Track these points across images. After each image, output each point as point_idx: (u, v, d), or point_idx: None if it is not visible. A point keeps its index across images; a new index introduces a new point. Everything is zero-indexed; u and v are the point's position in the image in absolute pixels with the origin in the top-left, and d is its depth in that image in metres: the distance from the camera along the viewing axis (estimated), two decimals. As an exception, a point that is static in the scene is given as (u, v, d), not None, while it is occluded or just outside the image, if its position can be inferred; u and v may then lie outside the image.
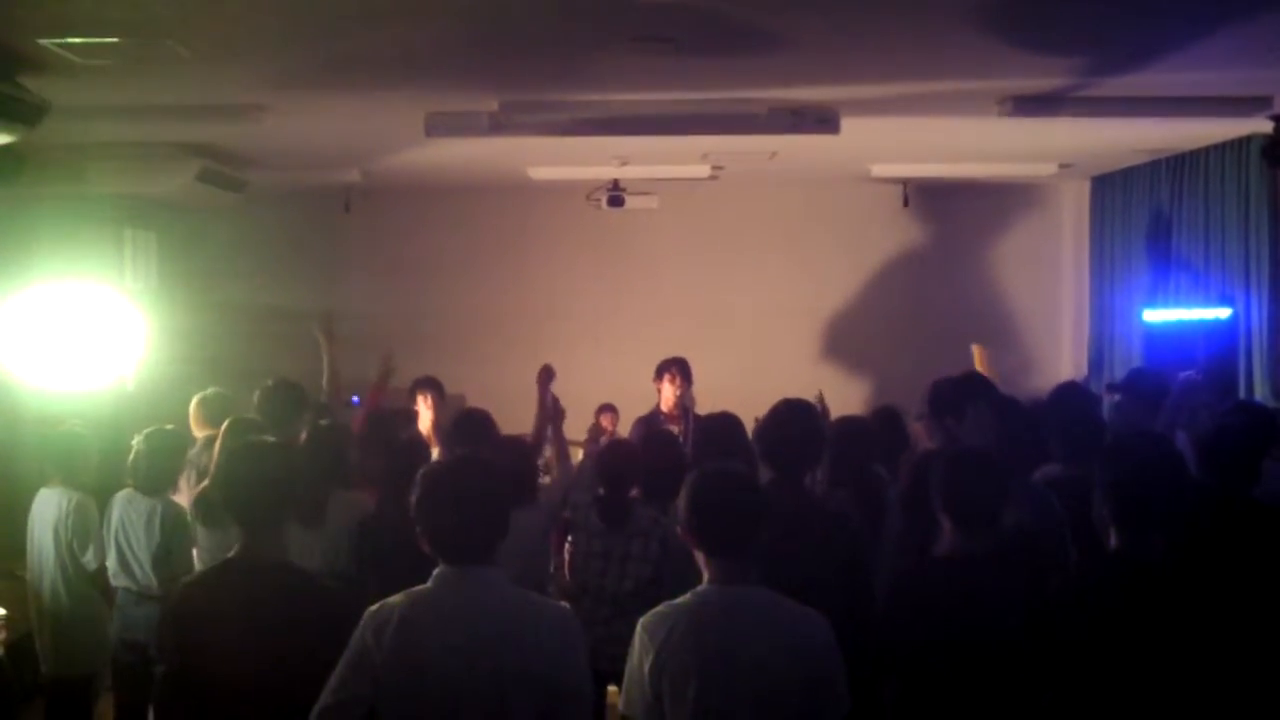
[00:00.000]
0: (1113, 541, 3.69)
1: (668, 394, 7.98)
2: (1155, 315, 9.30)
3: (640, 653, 3.48)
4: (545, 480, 6.64)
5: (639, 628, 3.53)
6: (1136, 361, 9.51)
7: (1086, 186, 11.20)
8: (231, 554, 3.82)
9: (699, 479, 3.63)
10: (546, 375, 6.60)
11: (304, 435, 5.82)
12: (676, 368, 8.00)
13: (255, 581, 3.71)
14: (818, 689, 3.45)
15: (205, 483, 5.83)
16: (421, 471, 3.51)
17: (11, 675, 6.85)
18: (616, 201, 10.15)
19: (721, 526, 3.53)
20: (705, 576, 3.56)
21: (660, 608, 3.55)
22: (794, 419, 4.80)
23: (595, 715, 4.62)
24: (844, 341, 11.51)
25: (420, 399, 7.60)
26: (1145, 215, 9.94)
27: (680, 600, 3.53)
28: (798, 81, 6.44)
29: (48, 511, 6.36)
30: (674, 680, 3.42)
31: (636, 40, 5.45)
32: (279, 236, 11.23)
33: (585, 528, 5.57)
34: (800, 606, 3.53)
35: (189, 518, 6.02)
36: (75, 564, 6.29)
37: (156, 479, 6.17)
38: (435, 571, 3.40)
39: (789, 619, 3.50)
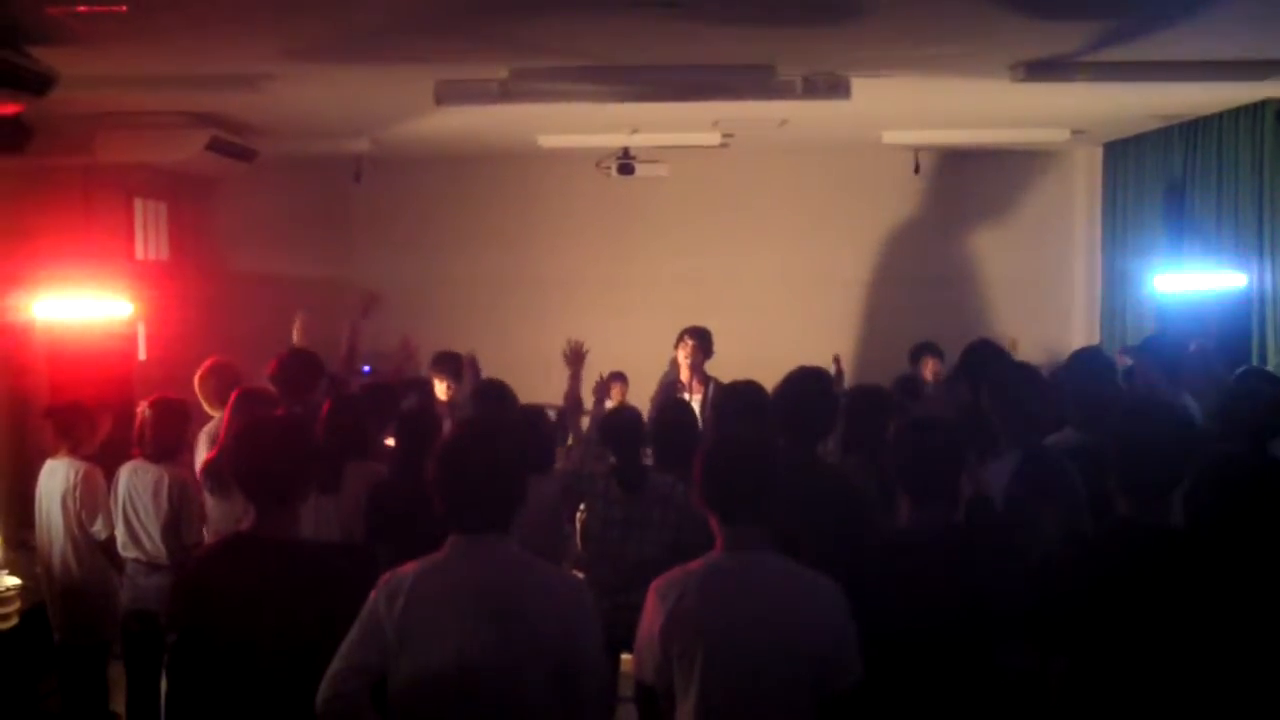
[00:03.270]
0: (1121, 508, 3.68)
1: (682, 361, 8.00)
2: (1168, 282, 9.25)
3: (652, 616, 3.50)
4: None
5: (651, 591, 3.55)
6: (1149, 329, 9.48)
7: (1099, 153, 11.14)
8: (243, 528, 3.82)
9: (714, 445, 3.65)
10: (577, 356, 6.97)
11: (326, 405, 5.82)
12: (691, 336, 8.02)
13: (265, 558, 3.71)
14: (828, 656, 3.46)
15: (214, 452, 5.85)
16: (441, 442, 3.50)
17: (28, 644, 6.89)
18: (627, 169, 10.12)
19: (735, 493, 3.54)
20: (718, 542, 3.56)
21: (672, 572, 3.56)
22: (809, 386, 4.79)
23: (608, 684, 4.63)
24: (854, 309, 11.49)
25: (437, 380, 7.63)
26: (1158, 182, 9.89)
27: (693, 565, 3.54)
28: (808, 45, 6.40)
29: (55, 482, 6.37)
30: (684, 644, 3.44)
31: (639, 5, 5.41)
32: (289, 206, 11.21)
33: (602, 495, 5.56)
34: (812, 573, 3.54)
35: (195, 487, 6.04)
36: (85, 534, 6.31)
37: (163, 446, 6.18)
38: (449, 540, 3.40)
39: (801, 585, 3.51)
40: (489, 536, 3.39)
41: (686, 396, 7.60)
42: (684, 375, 7.97)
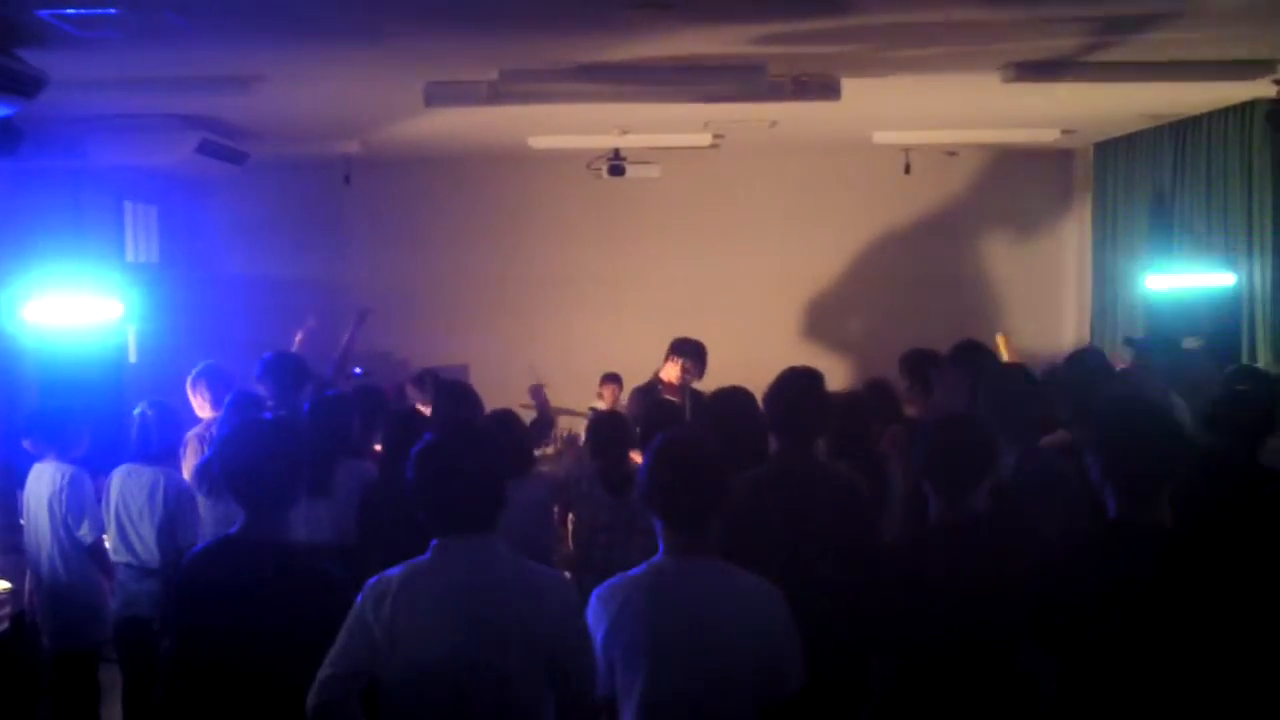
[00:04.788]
0: (1111, 508, 3.68)
1: (672, 371, 7.93)
2: (1158, 281, 9.27)
3: (594, 623, 3.46)
4: (548, 451, 6.67)
5: (593, 598, 3.51)
6: (1139, 328, 9.50)
7: (1089, 152, 11.15)
8: (233, 531, 3.82)
9: (659, 447, 3.56)
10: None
11: (307, 406, 5.82)
12: (692, 351, 7.93)
13: (254, 562, 3.72)
14: (772, 664, 3.44)
15: (207, 454, 5.86)
16: (416, 446, 3.50)
17: (19, 649, 6.87)
18: (617, 170, 10.11)
19: (679, 497, 3.47)
20: (660, 547, 3.51)
21: (613, 580, 3.52)
22: (802, 387, 4.78)
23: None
24: (845, 310, 11.50)
25: (418, 401, 7.57)
26: (1148, 181, 9.90)
27: (635, 572, 3.51)
28: (798, 44, 6.40)
29: (42, 486, 6.35)
30: (626, 652, 3.41)
31: (633, 6, 5.40)
32: (280, 208, 11.21)
33: (590, 499, 5.56)
34: (755, 578, 3.51)
35: (192, 489, 6.04)
36: (71, 538, 6.29)
37: (161, 448, 6.17)
38: (434, 542, 3.40)
39: (744, 592, 3.48)
40: (475, 537, 3.38)
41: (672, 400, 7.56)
42: (668, 378, 7.90)
